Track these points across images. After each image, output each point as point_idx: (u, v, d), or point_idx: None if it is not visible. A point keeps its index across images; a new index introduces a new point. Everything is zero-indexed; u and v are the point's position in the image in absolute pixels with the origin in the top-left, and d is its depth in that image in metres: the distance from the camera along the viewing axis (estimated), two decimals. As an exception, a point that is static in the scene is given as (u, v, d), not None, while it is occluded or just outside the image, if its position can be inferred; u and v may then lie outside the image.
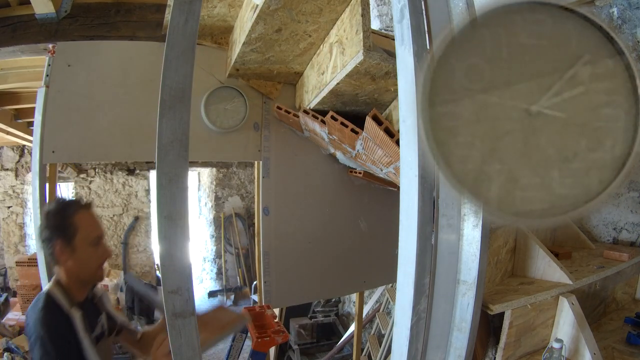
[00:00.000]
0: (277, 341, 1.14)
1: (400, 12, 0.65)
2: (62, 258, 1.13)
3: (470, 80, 0.49)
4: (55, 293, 1.12)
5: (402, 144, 0.65)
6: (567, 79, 0.47)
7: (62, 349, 1.03)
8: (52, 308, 1.08)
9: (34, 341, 1.02)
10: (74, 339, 1.07)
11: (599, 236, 1.72)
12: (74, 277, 1.15)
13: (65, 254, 1.12)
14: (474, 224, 0.65)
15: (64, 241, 1.12)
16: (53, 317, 1.07)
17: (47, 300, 1.09)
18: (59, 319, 1.08)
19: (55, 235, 1.12)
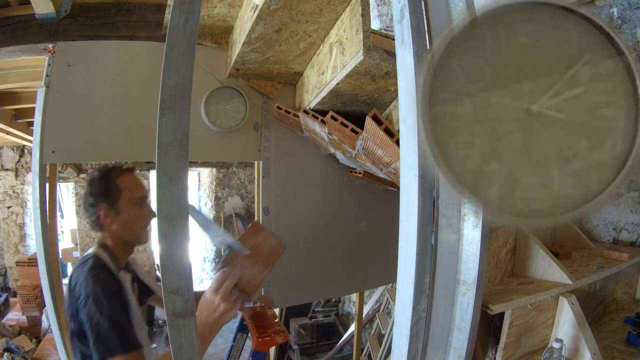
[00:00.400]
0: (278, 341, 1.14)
1: (400, 12, 0.65)
2: (107, 222, 1.15)
3: (470, 80, 0.49)
4: (102, 255, 1.14)
5: (402, 144, 0.65)
6: (567, 79, 0.47)
7: (116, 306, 1.04)
8: (101, 268, 1.10)
9: (84, 300, 1.02)
10: (124, 297, 1.08)
11: (599, 236, 1.72)
12: (120, 241, 1.17)
13: (110, 217, 1.15)
14: (474, 224, 0.65)
15: (108, 204, 1.14)
16: (104, 275, 1.08)
17: (95, 261, 1.11)
18: (109, 277, 1.09)
19: (99, 200, 1.15)
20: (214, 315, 0.90)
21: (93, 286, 1.03)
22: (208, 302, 0.91)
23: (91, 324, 1.01)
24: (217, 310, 0.90)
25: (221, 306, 0.90)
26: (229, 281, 0.92)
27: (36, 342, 4.06)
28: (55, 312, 1.44)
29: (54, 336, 1.50)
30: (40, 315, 4.26)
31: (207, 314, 0.91)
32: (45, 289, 1.42)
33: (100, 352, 1.00)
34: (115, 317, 1.02)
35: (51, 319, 1.47)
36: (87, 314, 1.01)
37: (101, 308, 1.01)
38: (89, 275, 1.05)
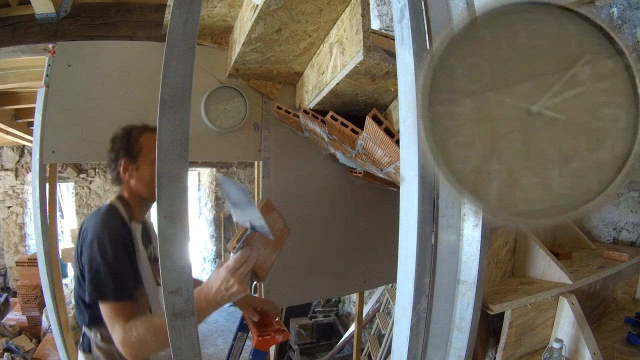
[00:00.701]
0: (278, 340, 1.14)
1: (400, 12, 0.65)
2: (125, 177, 1.18)
3: (470, 80, 0.49)
4: (118, 205, 1.16)
5: (402, 144, 0.65)
6: (567, 79, 0.47)
7: (119, 251, 1.04)
8: (114, 214, 1.12)
9: (89, 241, 1.03)
10: (132, 248, 1.09)
11: (599, 236, 1.72)
12: (136, 195, 1.19)
13: (128, 172, 1.18)
14: (474, 224, 0.65)
15: (127, 159, 1.17)
16: (114, 221, 1.10)
17: (109, 209, 1.14)
18: (120, 225, 1.10)
19: (120, 155, 1.18)
20: (224, 294, 0.88)
21: (100, 230, 1.03)
22: (222, 279, 0.89)
23: (90, 266, 1.01)
24: (229, 290, 0.88)
25: (234, 287, 0.88)
26: (247, 264, 0.90)
27: (36, 342, 4.06)
28: (55, 312, 1.44)
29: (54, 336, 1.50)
30: (40, 315, 4.26)
31: (216, 291, 0.89)
32: (45, 289, 1.42)
33: (93, 295, 1.00)
34: (115, 263, 1.01)
35: (51, 319, 1.47)
36: (89, 256, 1.02)
37: (103, 252, 1.01)
38: (99, 220, 1.06)
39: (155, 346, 0.92)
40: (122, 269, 1.03)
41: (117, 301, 0.99)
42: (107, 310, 0.98)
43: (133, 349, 0.92)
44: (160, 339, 0.88)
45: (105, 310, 0.99)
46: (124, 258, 1.05)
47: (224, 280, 0.88)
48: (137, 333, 0.92)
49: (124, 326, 0.94)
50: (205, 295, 0.89)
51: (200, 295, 0.89)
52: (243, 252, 0.91)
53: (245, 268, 0.90)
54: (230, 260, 0.91)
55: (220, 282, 0.89)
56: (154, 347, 0.93)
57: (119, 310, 0.98)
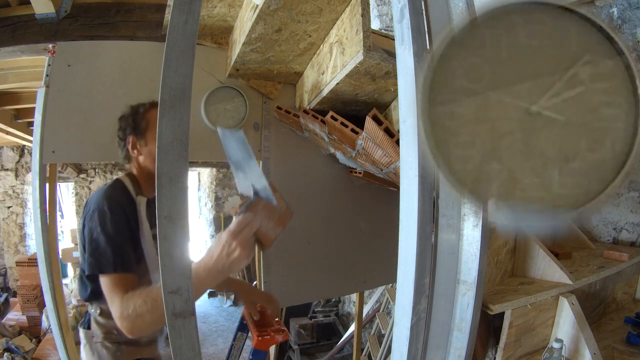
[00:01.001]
0: (278, 340, 1.14)
1: (400, 12, 0.65)
2: (134, 153, 1.19)
3: (470, 80, 0.49)
4: (125, 180, 1.16)
5: (402, 144, 0.65)
6: (567, 79, 0.47)
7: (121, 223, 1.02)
8: (119, 188, 1.11)
9: (91, 213, 1.01)
10: (134, 222, 1.07)
11: (599, 236, 1.72)
12: (145, 171, 1.19)
13: (136, 148, 1.18)
14: (474, 224, 0.65)
15: (136, 136, 1.17)
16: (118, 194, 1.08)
17: (114, 183, 1.13)
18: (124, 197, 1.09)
19: (128, 132, 1.18)
20: (226, 260, 0.81)
21: (102, 201, 1.02)
22: (224, 243, 0.82)
23: (90, 238, 1.00)
24: (231, 255, 0.81)
25: (237, 251, 0.81)
26: (250, 227, 0.83)
27: (36, 342, 4.06)
28: (55, 312, 1.44)
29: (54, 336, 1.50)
30: (40, 315, 4.26)
31: (217, 257, 0.82)
32: (45, 289, 1.42)
33: (91, 267, 0.98)
34: (116, 235, 0.99)
35: (51, 319, 1.47)
36: (89, 227, 1.01)
37: (104, 223, 0.99)
38: (103, 192, 1.05)
39: (152, 319, 0.87)
40: (122, 241, 1.01)
41: (116, 273, 0.96)
42: (106, 283, 0.96)
43: (129, 322, 0.88)
44: (157, 311, 0.84)
45: (105, 283, 0.96)
46: (125, 231, 1.03)
47: (225, 245, 0.82)
48: (134, 305, 0.88)
49: (122, 298, 0.91)
50: (205, 264, 0.83)
51: (199, 265, 0.83)
52: (246, 215, 0.84)
53: (249, 231, 0.83)
54: (232, 223, 0.84)
55: (221, 246, 0.82)
56: (150, 320, 0.87)
57: (118, 283, 0.95)
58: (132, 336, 0.89)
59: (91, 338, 1.16)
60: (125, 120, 1.21)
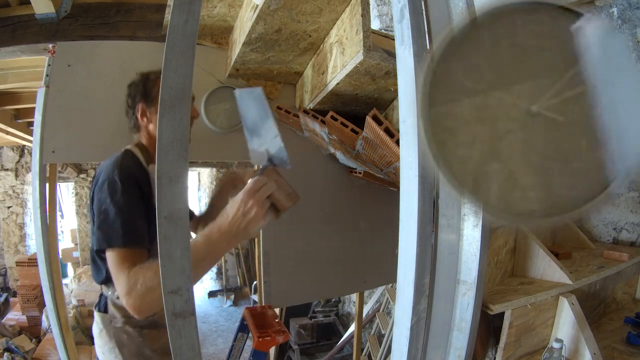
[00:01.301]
0: (278, 340, 1.14)
1: (400, 12, 0.65)
2: (143, 121, 1.14)
3: (470, 80, 0.49)
4: (134, 149, 1.11)
5: (402, 144, 0.65)
6: (567, 79, 0.47)
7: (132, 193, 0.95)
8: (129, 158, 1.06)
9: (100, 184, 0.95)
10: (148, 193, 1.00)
11: (599, 236, 1.72)
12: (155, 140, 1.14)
13: (146, 116, 1.14)
14: (474, 224, 0.65)
15: (145, 103, 1.13)
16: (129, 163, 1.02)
17: (124, 152, 1.08)
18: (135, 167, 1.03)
19: (137, 100, 1.14)
20: (242, 220, 0.77)
21: (112, 171, 0.95)
22: (239, 202, 0.78)
23: (99, 210, 0.93)
24: (247, 215, 0.77)
25: (253, 210, 0.77)
26: (266, 187, 0.80)
27: (36, 342, 4.06)
28: (55, 312, 1.44)
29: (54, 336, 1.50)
30: (40, 315, 4.26)
31: (233, 218, 0.77)
32: (45, 289, 1.42)
33: (99, 240, 0.91)
34: (126, 206, 0.92)
35: (51, 319, 1.47)
36: (98, 199, 0.94)
37: (114, 193, 0.92)
38: (113, 162, 0.99)
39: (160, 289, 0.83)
40: (133, 212, 0.93)
41: (124, 247, 0.88)
42: (113, 258, 0.88)
43: (138, 299, 0.80)
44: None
45: (111, 258, 0.88)
46: (137, 201, 0.95)
47: (241, 204, 0.77)
48: (143, 278, 0.80)
49: (128, 273, 0.83)
50: (219, 226, 0.78)
51: (212, 228, 0.78)
52: (261, 177, 0.81)
53: (265, 191, 0.79)
54: (247, 184, 0.80)
55: (237, 206, 0.77)
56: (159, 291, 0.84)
57: (126, 258, 0.87)
58: (139, 315, 0.82)
59: (109, 322, 1.09)
60: (135, 87, 1.16)
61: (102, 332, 1.11)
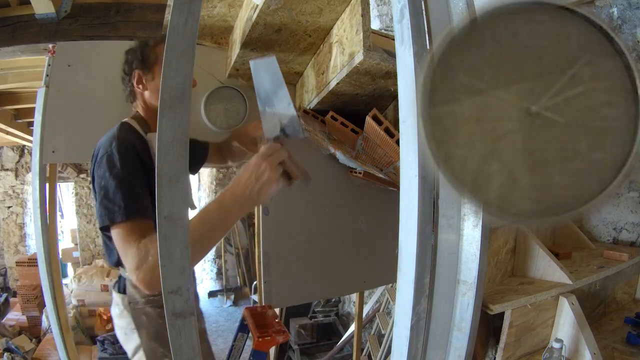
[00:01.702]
0: (278, 340, 1.14)
1: (400, 12, 0.65)
2: (139, 88, 1.11)
3: (470, 80, 0.49)
4: (131, 121, 1.08)
5: (402, 144, 0.65)
6: (567, 79, 0.47)
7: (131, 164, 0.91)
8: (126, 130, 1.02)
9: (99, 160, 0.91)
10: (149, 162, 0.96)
11: (599, 236, 1.72)
12: (151, 108, 1.12)
13: (142, 83, 1.10)
14: (474, 224, 0.65)
15: (142, 70, 1.09)
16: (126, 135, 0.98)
17: (120, 125, 1.04)
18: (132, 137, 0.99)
19: (134, 67, 1.10)
20: (254, 184, 0.76)
21: (110, 144, 0.91)
22: (252, 167, 0.77)
23: (100, 186, 0.89)
24: (260, 179, 0.76)
25: (266, 174, 0.76)
26: (279, 153, 0.78)
27: (36, 342, 4.06)
28: (55, 312, 1.44)
29: (54, 336, 1.50)
30: (40, 315, 4.26)
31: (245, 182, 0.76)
32: (45, 289, 1.43)
33: (102, 217, 0.87)
34: (126, 178, 0.88)
35: (51, 319, 1.47)
36: (98, 175, 0.91)
37: (112, 166, 0.88)
38: (110, 135, 0.95)
39: None
40: (135, 184, 0.88)
41: (127, 220, 0.83)
42: (118, 234, 0.83)
43: (149, 272, 0.75)
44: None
45: (117, 234, 0.83)
46: (137, 172, 0.91)
47: (254, 168, 0.76)
48: (153, 250, 0.75)
49: (137, 246, 0.78)
50: (232, 191, 0.76)
51: (225, 194, 0.77)
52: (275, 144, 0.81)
53: (278, 157, 0.78)
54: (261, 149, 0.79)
55: (250, 171, 0.76)
56: None
57: (132, 230, 0.82)
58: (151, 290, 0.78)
59: (128, 303, 1.07)
60: (133, 53, 1.11)
61: (122, 313, 1.09)
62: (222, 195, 0.77)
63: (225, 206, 0.76)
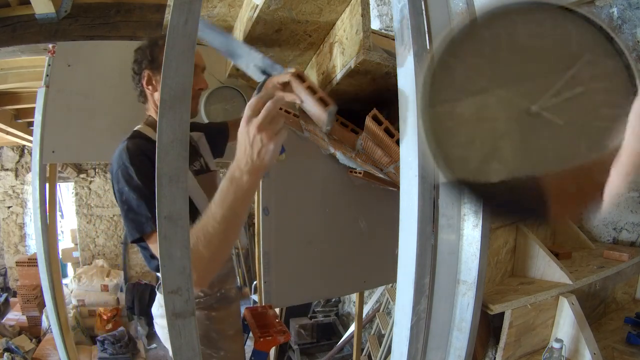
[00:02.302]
0: (280, 340, 1.14)
1: (400, 12, 0.65)
2: (149, 89, 1.08)
3: (470, 80, 0.49)
4: (143, 128, 1.05)
5: (402, 144, 0.65)
6: (567, 79, 0.47)
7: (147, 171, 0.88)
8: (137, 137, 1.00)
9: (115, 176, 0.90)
10: None
11: (599, 236, 1.72)
12: None
13: (152, 84, 1.07)
14: (474, 224, 0.65)
15: (152, 70, 1.06)
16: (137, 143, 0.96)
17: (133, 134, 1.03)
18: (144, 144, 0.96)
19: (143, 66, 1.07)
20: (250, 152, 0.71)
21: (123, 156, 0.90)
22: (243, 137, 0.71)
23: (121, 201, 0.89)
24: (254, 145, 0.70)
25: (257, 138, 0.69)
26: (269, 105, 0.69)
27: (36, 342, 4.06)
28: (55, 312, 1.44)
29: (54, 336, 1.50)
30: (40, 315, 4.26)
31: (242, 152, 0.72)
32: (45, 289, 1.43)
33: (131, 231, 0.86)
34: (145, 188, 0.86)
35: (51, 319, 1.47)
36: (118, 190, 0.90)
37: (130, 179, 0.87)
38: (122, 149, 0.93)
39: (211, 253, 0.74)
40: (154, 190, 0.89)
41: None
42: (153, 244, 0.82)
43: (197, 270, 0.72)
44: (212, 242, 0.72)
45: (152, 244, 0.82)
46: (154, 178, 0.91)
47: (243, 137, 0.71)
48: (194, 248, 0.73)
49: None
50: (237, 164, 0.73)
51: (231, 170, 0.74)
52: (259, 97, 0.71)
53: (268, 111, 0.68)
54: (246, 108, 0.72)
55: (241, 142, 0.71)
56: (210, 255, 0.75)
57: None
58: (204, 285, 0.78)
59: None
60: (142, 52, 1.08)
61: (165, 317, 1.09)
62: (228, 171, 0.75)
63: (235, 178, 0.73)
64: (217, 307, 1.10)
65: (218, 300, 1.11)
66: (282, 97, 0.76)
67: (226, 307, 1.13)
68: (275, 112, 0.70)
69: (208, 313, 1.08)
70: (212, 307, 1.09)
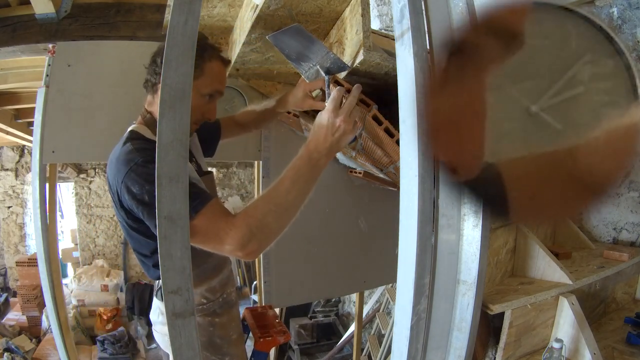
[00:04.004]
0: (280, 341, 1.14)
1: (400, 12, 0.65)
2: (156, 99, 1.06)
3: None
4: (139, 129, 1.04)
5: (402, 144, 0.65)
6: (567, 79, 0.47)
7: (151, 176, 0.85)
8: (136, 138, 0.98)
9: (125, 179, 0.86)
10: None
11: (599, 236, 1.72)
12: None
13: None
14: (474, 224, 0.65)
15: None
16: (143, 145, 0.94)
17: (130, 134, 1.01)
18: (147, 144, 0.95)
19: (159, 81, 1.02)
20: (332, 139, 0.82)
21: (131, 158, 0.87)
22: (326, 124, 0.81)
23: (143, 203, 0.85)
24: (336, 133, 0.81)
25: (341, 127, 0.81)
26: (350, 99, 0.81)
27: (36, 342, 4.06)
28: (55, 312, 1.44)
29: (54, 336, 1.50)
30: (40, 315, 4.26)
31: (324, 137, 0.82)
32: (45, 289, 1.42)
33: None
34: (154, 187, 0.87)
35: (51, 319, 1.47)
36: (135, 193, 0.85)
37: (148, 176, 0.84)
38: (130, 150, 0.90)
39: (279, 225, 0.85)
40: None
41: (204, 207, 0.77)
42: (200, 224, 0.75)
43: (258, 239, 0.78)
44: (283, 215, 0.84)
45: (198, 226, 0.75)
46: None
47: (329, 124, 0.81)
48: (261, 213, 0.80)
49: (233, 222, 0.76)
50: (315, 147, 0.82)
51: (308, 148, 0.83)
52: (339, 90, 0.82)
53: (350, 104, 0.81)
54: (328, 102, 0.82)
55: (325, 127, 0.82)
56: (277, 227, 0.84)
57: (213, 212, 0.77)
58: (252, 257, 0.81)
59: None
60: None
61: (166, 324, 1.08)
62: (306, 151, 0.83)
63: (314, 159, 0.83)
64: (220, 313, 1.10)
65: (221, 306, 1.11)
66: (358, 94, 0.86)
67: (228, 312, 1.13)
68: (354, 105, 0.82)
69: (212, 319, 1.08)
70: (215, 313, 1.09)
